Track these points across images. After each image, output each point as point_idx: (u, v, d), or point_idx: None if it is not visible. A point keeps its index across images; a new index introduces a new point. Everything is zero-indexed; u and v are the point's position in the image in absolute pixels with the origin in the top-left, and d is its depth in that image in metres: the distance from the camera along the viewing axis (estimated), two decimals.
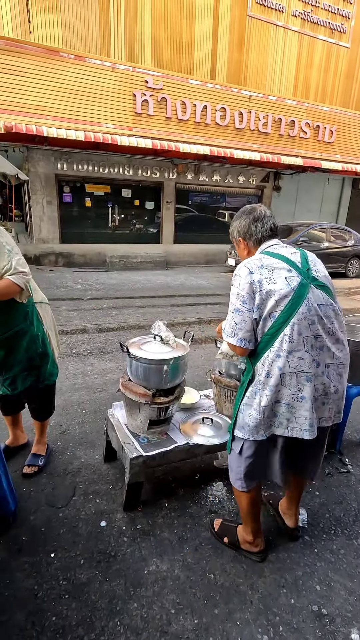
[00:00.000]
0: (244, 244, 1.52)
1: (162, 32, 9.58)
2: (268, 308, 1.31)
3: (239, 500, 1.63)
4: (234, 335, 1.37)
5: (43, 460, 2.15)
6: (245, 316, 1.34)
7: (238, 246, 1.56)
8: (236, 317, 1.36)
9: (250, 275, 1.33)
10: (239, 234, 1.51)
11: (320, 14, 11.20)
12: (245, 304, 1.33)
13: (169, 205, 11.27)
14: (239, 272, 1.37)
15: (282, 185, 12.45)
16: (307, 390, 1.32)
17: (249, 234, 1.48)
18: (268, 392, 1.35)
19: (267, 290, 1.31)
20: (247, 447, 1.47)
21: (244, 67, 10.74)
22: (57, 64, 7.98)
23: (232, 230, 1.55)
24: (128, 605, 1.46)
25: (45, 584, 1.51)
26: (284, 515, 1.84)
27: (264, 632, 1.41)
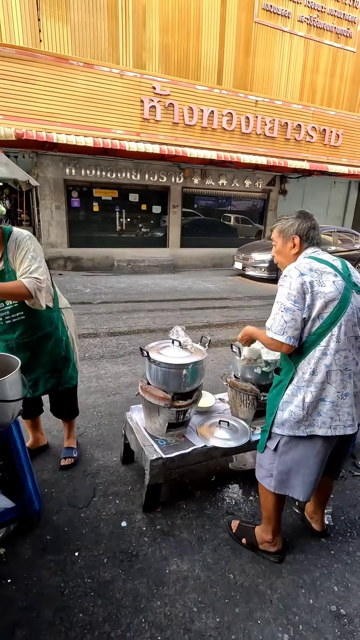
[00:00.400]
0: (297, 243, 1.54)
1: (169, 38, 9.69)
2: (317, 309, 1.37)
3: (264, 499, 1.67)
4: (283, 333, 1.40)
5: (76, 452, 2.29)
6: (296, 315, 1.39)
7: (286, 243, 1.56)
8: (286, 316, 1.39)
9: (301, 276, 1.39)
10: (296, 232, 1.53)
11: (326, 19, 11.26)
12: (297, 303, 1.38)
13: (175, 209, 11.35)
14: (290, 273, 1.42)
15: (288, 188, 12.48)
16: (350, 387, 1.41)
17: (307, 237, 1.53)
18: (313, 388, 1.42)
19: (317, 292, 1.37)
20: (284, 443, 1.52)
21: (251, 72, 10.82)
22: (67, 72, 8.11)
23: (286, 228, 1.55)
24: (151, 603, 1.50)
25: (71, 582, 1.55)
26: (310, 519, 1.89)
27: (284, 631, 1.44)
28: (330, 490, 1.84)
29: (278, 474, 1.56)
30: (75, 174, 9.90)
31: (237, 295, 7.62)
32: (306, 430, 1.46)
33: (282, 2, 10.60)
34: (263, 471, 1.63)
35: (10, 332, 1.90)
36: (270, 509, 1.65)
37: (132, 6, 9.14)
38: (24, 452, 1.70)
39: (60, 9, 8.48)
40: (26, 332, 1.92)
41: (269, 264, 9.02)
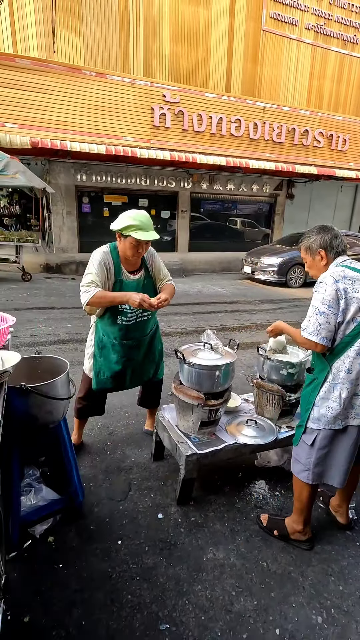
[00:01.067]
0: (324, 255, 1.66)
1: (179, 48, 9.90)
2: (351, 313, 1.52)
3: (299, 492, 1.78)
4: (317, 334, 1.55)
5: None
6: (329, 318, 1.52)
7: (314, 257, 1.69)
8: (320, 319, 1.54)
9: (335, 283, 1.52)
10: (320, 246, 1.66)
11: (333, 27, 11.43)
12: (331, 307, 1.52)
13: (184, 214, 11.51)
14: (325, 280, 1.56)
15: (296, 193, 12.61)
16: None
17: (331, 247, 1.66)
18: (349, 385, 1.56)
19: (351, 297, 1.51)
20: (322, 437, 1.64)
21: (258, 80, 10.99)
22: (80, 81, 8.32)
23: (310, 243, 1.68)
24: (193, 587, 1.62)
25: (117, 567, 1.68)
26: (335, 513, 2.00)
27: (317, 614, 1.56)
28: (355, 483, 1.94)
29: (315, 466, 1.68)
30: (86, 180, 10.10)
31: (247, 299, 7.73)
32: (342, 423, 1.59)
33: (290, 10, 10.78)
34: (300, 466, 1.74)
35: (136, 331, 2.17)
36: (304, 501, 1.76)
37: (142, 17, 9.36)
38: (70, 447, 1.83)
39: (73, 21, 8.72)
40: (148, 328, 2.23)
41: (278, 267, 9.13)
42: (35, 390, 1.50)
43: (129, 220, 1.90)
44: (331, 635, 1.47)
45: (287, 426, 2.26)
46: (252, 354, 4.10)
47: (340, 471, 1.67)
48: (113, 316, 2.09)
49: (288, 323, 2.03)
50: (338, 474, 1.67)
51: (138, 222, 1.90)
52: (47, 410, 1.61)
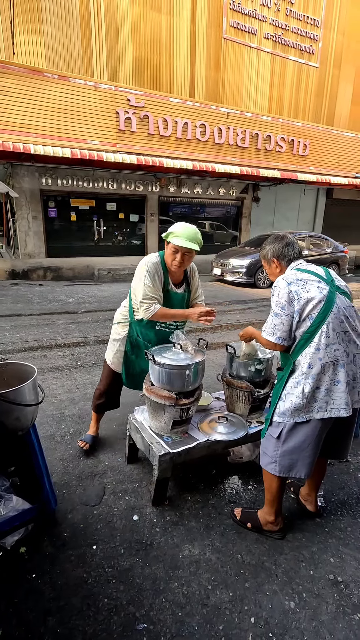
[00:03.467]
0: (277, 263, 1.82)
1: (142, 52, 9.96)
2: (306, 312, 1.61)
3: (269, 484, 1.84)
4: (273, 334, 1.67)
5: None
6: (283, 319, 1.63)
7: (270, 265, 1.86)
8: (275, 320, 1.66)
9: (288, 286, 1.63)
10: (273, 255, 1.82)
11: (290, 37, 11.90)
12: (284, 309, 1.63)
13: (152, 218, 11.54)
14: (279, 284, 1.67)
15: (261, 196, 12.97)
16: (342, 375, 1.60)
17: (282, 255, 1.80)
18: (310, 380, 1.62)
19: (304, 297, 1.61)
20: (287, 430, 1.70)
21: (221, 86, 11.25)
22: (42, 84, 8.18)
23: (266, 253, 1.85)
24: (169, 584, 1.64)
25: (93, 572, 1.66)
26: (305, 502, 2.08)
27: (290, 599, 1.61)
28: (323, 473, 2.04)
29: (282, 459, 1.74)
30: (51, 184, 9.91)
31: (217, 301, 7.85)
32: (305, 416, 1.65)
33: (249, 20, 11.13)
34: (267, 458, 1.80)
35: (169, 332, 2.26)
36: (274, 492, 1.82)
37: (104, 20, 9.35)
38: (41, 454, 1.80)
39: (33, 23, 8.57)
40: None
41: (246, 269, 9.35)
42: (1, 397, 1.47)
43: (173, 228, 2.06)
44: (303, 618, 1.53)
45: (257, 421, 2.32)
46: (223, 354, 4.17)
47: (306, 463, 1.72)
48: (151, 321, 2.19)
49: (257, 322, 2.12)
50: (304, 466, 1.73)
51: (181, 230, 2.03)
52: (15, 417, 1.58)
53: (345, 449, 1.90)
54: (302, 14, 11.90)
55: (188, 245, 2.02)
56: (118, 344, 2.35)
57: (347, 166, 13.05)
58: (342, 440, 1.86)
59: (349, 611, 1.57)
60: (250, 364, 2.25)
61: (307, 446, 1.70)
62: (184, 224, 2.08)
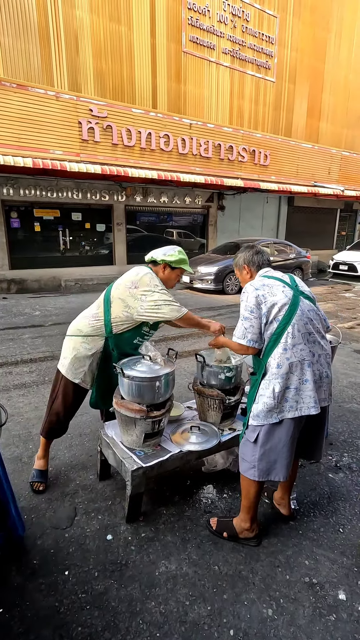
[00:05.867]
0: (248, 269, 1.93)
1: (103, 63, 9.97)
2: (273, 314, 1.69)
3: (247, 490, 1.84)
4: (244, 337, 1.73)
5: None
6: (253, 322, 1.71)
7: (241, 271, 1.97)
8: (245, 323, 1.72)
9: (255, 291, 1.73)
10: (244, 262, 1.94)
11: (247, 52, 12.35)
12: (253, 312, 1.70)
13: (119, 227, 11.48)
14: (247, 290, 1.77)
15: (226, 204, 13.26)
16: (309, 374, 1.67)
17: (252, 262, 1.92)
18: (280, 379, 1.67)
19: (270, 301, 1.69)
20: (263, 434, 1.74)
21: (183, 97, 11.46)
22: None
23: (237, 260, 1.97)
24: (146, 604, 1.59)
25: (65, 599, 1.59)
26: (278, 505, 2.10)
27: (268, 607, 1.61)
28: (295, 476, 2.07)
29: (260, 463, 1.76)
30: (13, 194, 9.64)
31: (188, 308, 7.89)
32: (278, 417, 1.69)
33: (207, 35, 11.45)
34: (246, 464, 1.81)
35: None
36: (251, 499, 1.83)
37: (63, 32, 9.29)
38: (5, 478, 1.70)
39: None
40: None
41: (214, 276, 9.48)
42: None
43: (182, 255, 2.21)
44: (281, 625, 1.54)
45: (229, 428, 2.33)
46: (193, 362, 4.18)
47: (283, 465, 1.76)
48: (135, 334, 2.19)
49: (227, 328, 2.18)
50: (282, 468, 1.76)
51: (185, 257, 2.23)
52: None
53: (318, 449, 1.95)
54: (257, 31, 12.41)
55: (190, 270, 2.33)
56: (89, 361, 2.19)
57: (305, 175, 13.62)
58: (314, 441, 1.91)
59: (325, 612, 1.59)
60: (219, 371, 2.26)
61: (283, 447, 1.73)
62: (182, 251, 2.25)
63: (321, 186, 13.69)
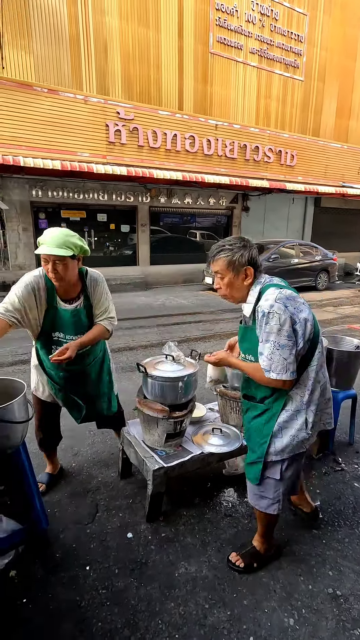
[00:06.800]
0: (251, 273, 1.50)
1: (130, 67, 10.11)
2: (307, 333, 1.44)
3: (267, 522, 1.72)
4: (286, 371, 1.40)
5: None
6: (292, 350, 1.40)
7: (238, 275, 1.49)
8: (284, 353, 1.39)
9: (287, 309, 1.39)
10: (248, 262, 1.48)
11: (275, 51, 12.20)
12: (291, 338, 1.39)
13: (143, 228, 11.59)
14: (275, 309, 1.39)
15: (250, 205, 13.13)
16: (329, 392, 1.59)
17: (257, 264, 1.52)
18: (313, 407, 1.51)
19: (302, 318, 1.42)
20: (287, 466, 1.57)
21: (209, 98, 11.45)
22: (31, 98, 8.23)
23: (237, 258, 1.47)
24: (165, 605, 1.59)
25: (86, 594, 1.61)
26: (300, 505, 2.05)
27: (289, 616, 1.58)
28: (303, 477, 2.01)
29: (283, 494, 1.63)
30: (42, 196, 9.91)
31: (209, 310, 7.87)
32: (308, 444, 1.56)
33: (235, 35, 11.39)
34: (267, 501, 1.63)
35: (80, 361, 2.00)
36: (272, 527, 1.76)
37: (93, 38, 9.49)
38: (31, 472, 1.75)
39: (22, 39, 8.66)
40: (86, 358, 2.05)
41: None
42: None
43: (40, 238, 1.78)
44: (303, 636, 1.50)
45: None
46: None
47: (298, 480, 1.69)
48: (46, 345, 1.96)
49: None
50: (297, 484, 1.70)
51: (46, 236, 1.75)
52: (3, 434, 1.54)
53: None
54: (286, 30, 12.23)
55: (52, 251, 1.71)
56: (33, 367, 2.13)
57: (334, 175, 13.31)
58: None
59: (349, 626, 1.54)
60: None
61: (300, 467, 1.67)
62: (50, 230, 1.80)
63: (350, 186, 13.33)
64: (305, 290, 10.21)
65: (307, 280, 10.23)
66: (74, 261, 1.84)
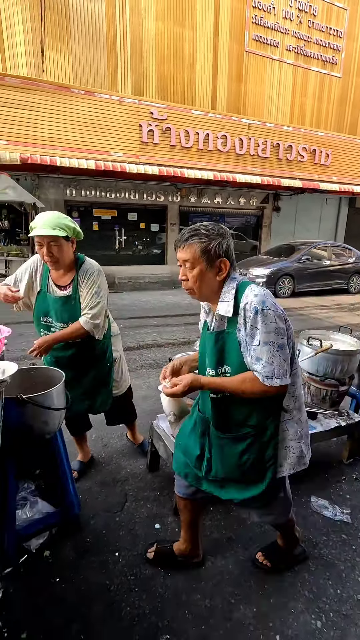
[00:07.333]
0: (227, 266, 1.29)
1: (165, 68, 10.21)
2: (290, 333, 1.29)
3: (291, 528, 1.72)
4: (286, 375, 1.22)
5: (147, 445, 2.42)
6: (289, 349, 1.26)
7: (211, 266, 1.27)
8: (283, 354, 1.21)
9: (277, 305, 1.25)
10: (225, 253, 1.27)
11: (312, 48, 11.94)
12: (284, 336, 1.24)
13: (173, 227, 11.68)
14: (269, 305, 1.21)
15: (282, 205, 12.93)
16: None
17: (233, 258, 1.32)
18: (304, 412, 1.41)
19: (286, 318, 1.28)
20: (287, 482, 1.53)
21: (243, 97, 11.37)
22: (68, 99, 8.49)
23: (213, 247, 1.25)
24: (192, 596, 1.61)
25: (115, 579, 1.66)
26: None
27: (317, 619, 1.56)
28: None
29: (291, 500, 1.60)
30: (75, 195, 10.21)
31: None
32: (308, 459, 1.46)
33: (271, 33, 11.25)
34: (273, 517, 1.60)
35: (64, 350, 2.02)
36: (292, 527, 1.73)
37: (129, 40, 9.65)
38: (66, 458, 1.82)
39: (62, 42, 8.94)
40: (78, 353, 2.03)
41: (266, 278, 9.28)
42: (31, 401, 1.51)
43: (32, 222, 1.79)
44: (331, 639, 1.48)
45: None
46: None
47: None
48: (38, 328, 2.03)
49: None
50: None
51: (37, 219, 1.76)
52: (42, 420, 1.61)
53: None
54: (324, 26, 11.94)
55: (45, 232, 1.72)
56: None
57: None
58: None
59: None
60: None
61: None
62: (42, 214, 1.80)
63: None
64: (337, 293, 9.93)
65: (339, 283, 9.95)
66: (68, 243, 1.84)
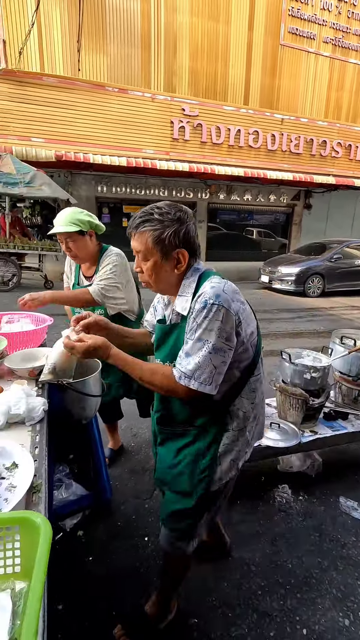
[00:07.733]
0: (185, 257, 1.10)
1: (198, 63, 10.18)
2: (248, 336, 1.11)
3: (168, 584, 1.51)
4: (211, 383, 1.04)
5: None
6: (226, 356, 1.06)
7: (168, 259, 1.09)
8: (216, 359, 1.03)
9: (232, 303, 1.04)
10: (184, 242, 1.08)
11: (351, 39, 11.54)
12: (229, 341, 1.05)
13: (201, 224, 11.66)
14: (222, 301, 1.02)
15: (313, 203, 12.62)
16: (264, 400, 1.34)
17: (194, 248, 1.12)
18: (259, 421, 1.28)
19: (245, 317, 1.10)
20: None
21: (276, 92, 11.16)
22: (103, 97, 8.65)
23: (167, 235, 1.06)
24: (219, 584, 1.65)
25: (145, 562, 1.72)
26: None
27: (345, 617, 1.56)
28: None
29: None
30: (106, 192, 10.39)
31: (264, 308, 7.73)
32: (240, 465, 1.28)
33: (308, 25, 10.96)
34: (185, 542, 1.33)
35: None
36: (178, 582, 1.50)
37: (164, 36, 9.69)
38: (100, 444, 1.90)
39: (98, 41, 9.11)
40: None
41: (295, 277, 9.13)
42: (71, 387, 1.58)
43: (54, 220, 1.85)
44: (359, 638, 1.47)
45: (310, 430, 2.27)
46: (271, 361, 4.13)
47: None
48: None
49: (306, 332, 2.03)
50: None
51: (56, 219, 1.83)
52: (81, 406, 1.69)
53: None
54: None
55: (59, 229, 1.78)
56: None
57: None
58: None
59: None
60: (305, 371, 2.21)
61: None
62: (62, 210, 1.86)
63: None
64: None
65: None
66: (85, 237, 1.85)
